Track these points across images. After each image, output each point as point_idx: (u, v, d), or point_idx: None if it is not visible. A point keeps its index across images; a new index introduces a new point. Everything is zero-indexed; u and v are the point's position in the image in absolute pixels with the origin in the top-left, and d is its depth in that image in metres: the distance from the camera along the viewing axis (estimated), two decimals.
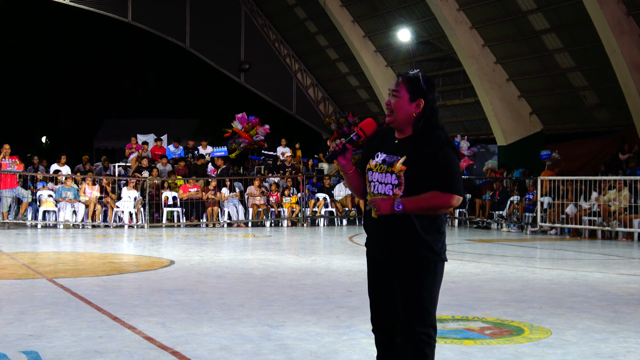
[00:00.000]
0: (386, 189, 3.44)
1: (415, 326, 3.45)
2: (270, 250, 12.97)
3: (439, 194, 3.39)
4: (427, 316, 3.46)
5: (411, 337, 3.46)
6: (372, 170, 3.51)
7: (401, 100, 3.49)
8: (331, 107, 30.03)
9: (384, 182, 3.46)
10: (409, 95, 3.48)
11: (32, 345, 5.29)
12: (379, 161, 3.49)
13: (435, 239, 3.46)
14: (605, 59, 18.24)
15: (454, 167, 3.40)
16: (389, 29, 24.39)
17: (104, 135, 37.64)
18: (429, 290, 3.46)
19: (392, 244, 3.47)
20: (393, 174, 3.43)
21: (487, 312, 6.74)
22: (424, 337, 3.47)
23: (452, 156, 3.42)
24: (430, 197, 3.39)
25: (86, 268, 10.28)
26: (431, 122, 3.49)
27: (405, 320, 3.47)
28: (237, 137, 23.17)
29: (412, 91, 3.49)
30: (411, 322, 3.45)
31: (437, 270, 3.48)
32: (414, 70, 3.59)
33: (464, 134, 24.11)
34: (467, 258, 11.68)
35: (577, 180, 16.59)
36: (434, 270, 3.47)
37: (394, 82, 3.54)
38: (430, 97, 3.50)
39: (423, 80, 3.50)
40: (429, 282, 3.45)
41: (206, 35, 27.78)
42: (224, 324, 6.08)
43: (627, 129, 19.63)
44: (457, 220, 20.01)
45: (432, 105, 3.50)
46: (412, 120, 3.49)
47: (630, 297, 7.82)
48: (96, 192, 17.99)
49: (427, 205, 3.39)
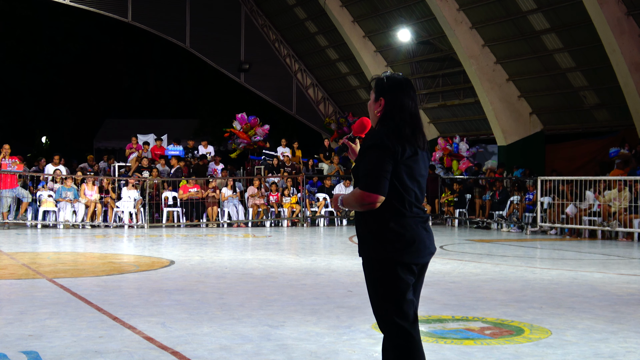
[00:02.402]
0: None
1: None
2: (270, 250, 12.97)
3: (357, 191, 3.52)
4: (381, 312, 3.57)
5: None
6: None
7: (370, 101, 3.67)
8: (331, 107, 30.03)
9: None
10: (374, 96, 3.63)
11: (32, 345, 5.29)
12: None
13: (384, 239, 3.52)
14: (605, 59, 18.24)
15: (371, 165, 3.47)
16: (389, 29, 24.39)
17: (104, 135, 37.64)
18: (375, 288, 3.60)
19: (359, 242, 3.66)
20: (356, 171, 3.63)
21: (487, 312, 6.74)
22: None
23: (372, 156, 3.48)
24: (352, 193, 3.56)
25: (86, 268, 10.28)
26: (385, 120, 3.56)
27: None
28: (236, 138, 23.19)
29: (377, 91, 3.62)
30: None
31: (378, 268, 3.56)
32: (376, 75, 3.73)
33: (464, 134, 24.12)
34: (467, 258, 11.68)
35: (577, 180, 16.60)
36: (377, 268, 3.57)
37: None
38: (389, 95, 3.57)
39: (387, 80, 3.60)
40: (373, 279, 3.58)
41: (206, 35, 27.78)
42: (224, 324, 6.08)
43: (627, 129, 19.63)
44: (457, 220, 20.01)
45: (394, 102, 3.56)
46: (377, 120, 3.63)
47: (630, 297, 7.82)
48: (96, 194, 17.98)
49: (352, 199, 3.54)
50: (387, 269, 3.50)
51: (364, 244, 3.57)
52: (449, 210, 20.30)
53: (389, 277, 3.51)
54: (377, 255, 3.51)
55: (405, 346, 3.50)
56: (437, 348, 5.32)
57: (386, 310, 3.52)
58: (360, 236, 3.61)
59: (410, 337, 3.50)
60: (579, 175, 17.32)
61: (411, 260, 3.51)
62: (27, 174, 18.64)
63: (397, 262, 3.49)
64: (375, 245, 3.51)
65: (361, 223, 3.59)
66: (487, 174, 21.31)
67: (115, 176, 19.87)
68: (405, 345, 3.49)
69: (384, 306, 3.53)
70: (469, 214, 20.07)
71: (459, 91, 24.42)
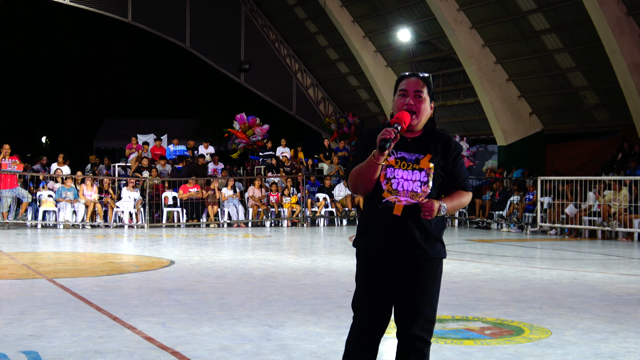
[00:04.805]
0: (414, 186, 3.42)
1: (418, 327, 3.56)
2: (270, 250, 12.97)
3: (464, 192, 3.54)
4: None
5: (415, 336, 3.53)
6: (394, 166, 3.46)
7: (425, 101, 3.53)
8: (331, 107, 30.02)
9: (411, 179, 3.44)
10: (429, 98, 3.56)
11: (32, 345, 5.29)
12: (398, 158, 3.47)
13: (441, 238, 3.57)
14: (605, 59, 18.23)
15: (466, 168, 3.63)
16: (389, 29, 24.38)
17: (104, 135, 37.64)
18: (431, 289, 3.55)
19: (408, 243, 3.48)
20: (422, 171, 3.44)
21: (487, 312, 6.74)
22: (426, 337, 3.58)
23: (462, 161, 3.60)
24: (460, 196, 3.51)
25: (86, 268, 10.28)
26: (434, 123, 3.60)
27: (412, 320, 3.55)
28: (235, 138, 23.19)
29: (429, 93, 3.57)
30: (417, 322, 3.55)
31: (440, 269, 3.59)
32: (423, 73, 3.63)
33: (464, 134, 24.11)
34: (467, 258, 11.68)
35: (577, 180, 16.59)
36: (440, 268, 3.58)
37: (414, 82, 3.55)
38: (433, 101, 3.64)
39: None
40: (436, 280, 3.56)
41: (206, 35, 27.77)
42: (224, 324, 6.08)
43: (627, 129, 19.63)
44: (457, 221, 20.01)
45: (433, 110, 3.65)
46: (426, 122, 3.57)
47: (630, 297, 7.82)
48: (95, 195, 17.99)
49: (459, 205, 3.53)
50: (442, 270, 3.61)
51: (429, 246, 3.48)
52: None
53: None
54: (444, 256, 3.55)
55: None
56: (437, 348, 5.32)
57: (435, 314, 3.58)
58: (418, 241, 3.46)
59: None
60: (579, 175, 17.32)
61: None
62: (27, 174, 18.64)
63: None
64: (442, 246, 3.55)
65: (422, 227, 3.46)
66: (487, 174, 21.32)
67: (115, 176, 19.87)
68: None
69: (435, 311, 3.58)
70: (469, 214, 20.07)
71: (459, 91, 24.42)
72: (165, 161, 20.50)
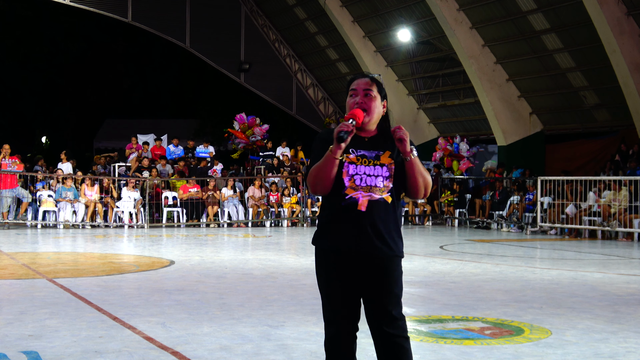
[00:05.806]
0: (377, 181, 3.50)
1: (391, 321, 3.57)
2: (270, 250, 12.97)
3: (430, 177, 3.62)
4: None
5: (387, 333, 3.53)
6: (355, 163, 3.52)
7: (375, 99, 3.58)
8: (331, 107, 30.03)
9: (373, 174, 3.52)
10: (379, 96, 3.60)
11: (32, 345, 5.29)
12: (359, 155, 3.54)
13: (399, 238, 3.59)
14: (605, 59, 18.24)
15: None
16: (389, 29, 24.39)
17: (104, 135, 37.67)
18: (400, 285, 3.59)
19: (374, 238, 3.50)
20: (383, 166, 3.52)
21: (487, 312, 6.74)
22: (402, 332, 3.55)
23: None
24: (426, 173, 3.56)
25: (86, 268, 10.28)
26: (387, 122, 3.65)
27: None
28: (235, 138, 23.19)
29: (380, 92, 3.61)
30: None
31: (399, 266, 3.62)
32: (372, 74, 3.69)
33: (464, 134, 24.11)
34: (467, 258, 11.68)
35: (577, 180, 16.60)
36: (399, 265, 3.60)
37: (363, 82, 3.59)
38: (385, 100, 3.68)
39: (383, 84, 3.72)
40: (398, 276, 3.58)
41: (206, 35, 27.79)
42: (224, 324, 6.08)
43: (627, 129, 19.64)
44: (457, 220, 20.02)
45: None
46: (379, 120, 3.62)
47: (630, 297, 7.82)
48: (96, 194, 17.99)
49: (424, 171, 3.55)
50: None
51: (393, 243, 3.53)
52: (449, 211, 20.30)
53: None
54: (402, 254, 3.59)
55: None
56: (437, 348, 5.32)
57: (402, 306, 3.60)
58: (384, 236, 3.51)
59: None
60: (579, 175, 17.32)
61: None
62: (27, 174, 18.64)
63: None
64: (402, 244, 3.59)
65: (386, 222, 3.51)
66: (487, 174, 21.32)
67: (115, 176, 19.87)
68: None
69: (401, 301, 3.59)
70: (469, 214, 20.07)
71: (459, 91, 24.43)
72: (165, 161, 20.49)
